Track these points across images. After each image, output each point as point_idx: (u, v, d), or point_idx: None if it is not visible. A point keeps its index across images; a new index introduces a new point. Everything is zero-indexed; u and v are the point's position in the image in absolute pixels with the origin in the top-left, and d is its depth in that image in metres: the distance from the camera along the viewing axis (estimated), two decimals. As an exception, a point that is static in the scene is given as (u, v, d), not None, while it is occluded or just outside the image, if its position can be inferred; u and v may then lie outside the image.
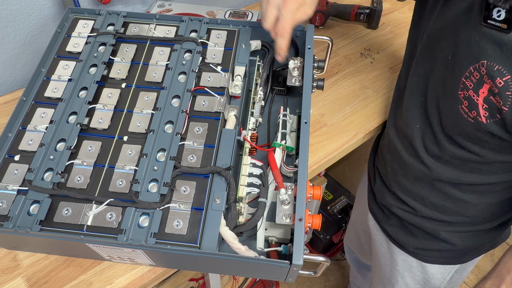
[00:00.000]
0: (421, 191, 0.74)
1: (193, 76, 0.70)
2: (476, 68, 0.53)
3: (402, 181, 0.77)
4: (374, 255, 0.98)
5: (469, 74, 0.55)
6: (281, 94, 0.81)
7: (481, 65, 0.53)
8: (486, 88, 0.53)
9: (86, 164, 0.62)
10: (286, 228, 0.63)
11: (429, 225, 0.77)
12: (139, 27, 0.78)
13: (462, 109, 0.58)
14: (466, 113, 0.57)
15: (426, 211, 0.76)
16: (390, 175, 0.80)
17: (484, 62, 0.52)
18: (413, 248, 0.82)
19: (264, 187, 0.61)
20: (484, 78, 0.53)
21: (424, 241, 0.80)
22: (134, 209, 0.58)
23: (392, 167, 0.79)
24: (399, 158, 0.75)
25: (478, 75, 0.53)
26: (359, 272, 1.31)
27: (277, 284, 1.53)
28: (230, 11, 1.06)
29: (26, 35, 0.94)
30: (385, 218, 0.85)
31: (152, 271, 0.65)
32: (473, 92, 0.55)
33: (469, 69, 0.54)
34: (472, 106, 0.56)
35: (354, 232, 1.17)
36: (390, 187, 0.81)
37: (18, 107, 0.67)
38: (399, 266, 0.87)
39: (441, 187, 0.71)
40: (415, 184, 0.75)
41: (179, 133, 0.64)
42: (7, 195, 0.59)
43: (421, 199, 0.75)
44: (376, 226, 0.90)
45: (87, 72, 0.71)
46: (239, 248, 0.56)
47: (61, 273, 0.65)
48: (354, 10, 1.09)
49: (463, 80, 0.56)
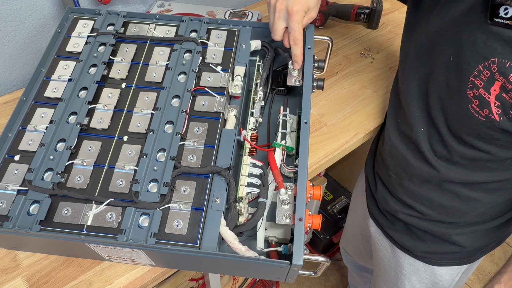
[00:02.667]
0: (428, 194, 0.74)
1: (193, 76, 0.70)
2: (485, 66, 0.53)
3: (408, 185, 0.76)
4: (376, 259, 0.97)
5: (478, 73, 0.54)
6: (281, 94, 0.81)
7: (492, 62, 0.52)
8: (497, 85, 0.53)
9: (86, 164, 0.62)
10: (286, 228, 0.63)
11: (437, 229, 0.76)
12: (139, 27, 0.78)
13: (472, 108, 0.57)
14: (477, 112, 0.57)
15: (434, 214, 0.75)
16: (394, 180, 0.79)
17: (495, 59, 0.52)
18: (421, 252, 0.81)
19: (264, 187, 0.61)
20: (496, 76, 0.53)
21: (432, 245, 0.79)
22: (134, 209, 0.58)
23: (396, 172, 0.78)
24: (405, 162, 0.75)
25: (489, 73, 0.53)
26: (357, 273, 1.31)
27: (277, 284, 1.53)
28: (230, 11, 1.06)
29: (26, 35, 0.94)
30: (389, 224, 0.84)
31: (152, 271, 0.65)
32: (483, 91, 0.55)
33: (478, 67, 0.54)
34: (484, 104, 0.56)
35: (350, 236, 1.16)
36: (394, 192, 0.80)
37: (18, 107, 0.67)
38: (406, 270, 0.86)
39: (450, 188, 0.71)
40: (422, 187, 0.74)
41: (179, 133, 0.64)
42: (7, 195, 0.59)
43: (429, 201, 0.74)
44: (378, 231, 0.89)
45: (87, 72, 0.71)
46: (239, 248, 0.56)
47: (61, 273, 0.65)
48: (354, 10, 1.09)
49: (471, 79, 0.56)
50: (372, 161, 0.91)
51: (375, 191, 0.87)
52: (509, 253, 1.73)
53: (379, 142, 0.89)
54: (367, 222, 0.93)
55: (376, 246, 0.93)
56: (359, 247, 1.13)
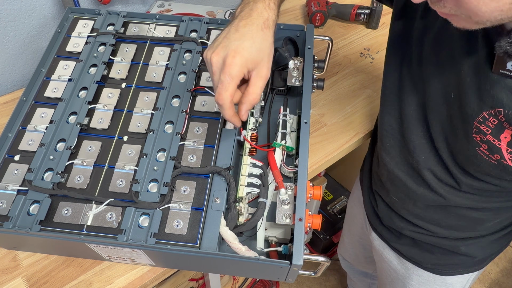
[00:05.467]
0: (434, 216, 0.71)
1: (193, 76, 0.70)
2: (491, 114, 0.49)
3: (413, 209, 0.73)
4: (381, 270, 0.95)
5: (483, 120, 0.51)
6: (281, 94, 0.81)
7: (498, 112, 0.49)
8: (508, 133, 0.49)
9: (86, 164, 0.62)
10: (286, 228, 0.63)
11: (447, 243, 0.74)
12: (139, 27, 0.78)
13: (481, 151, 0.54)
14: (487, 155, 0.53)
15: (442, 232, 0.73)
16: (397, 203, 0.76)
17: (501, 110, 0.48)
18: (431, 265, 0.79)
19: (264, 187, 0.61)
20: (504, 125, 0.49)
21: (442, 257, 0.77)
22: (134, 209, 0.58)
23: (398, 197, 0.74)
24: (405, 188, 0.71)
25: (496, 121, 0.50)
26: (356, 277, 1.30)
27: (277, 284, 1.53)
28: (230, 11, 1.06)
29: (26, 35, 0.94)
30: (395, 238, 0.82)
31: (152, 271, 0.65)
32: (492, 137, 0.51)
33: (482, 114, 0.50)
34: (494, 150, 0.52)
35: (348, 244, 1.14)
36: (399, 212, 0.77)
37: (18, 107, 0.67)
38: (414, 281, 0.84)
39: (456, 211, 0.68)
40: (427, 210, 0.71)
41: (179, 133, 0.64)
42: (7, 195, 0.59)
43: (436, 222, 0.72)
44: (383, 245, 0.86)
45: (87, 72, 0.71)
46: (239, 248, 0.56)
47: (61, 273, 0.65)
48: (354, 10, 1.09)
49: (476, 125, 0.52)
50: (368, 179, 0.86)
51: (376, 208, 0.84)
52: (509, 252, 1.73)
53: (373, 161, 0.84)
54: (369, 235, 0.91)
55: (381, 257, 0.91)
56: (357, 254, 1.11)
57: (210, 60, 0.54)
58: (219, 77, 0.54)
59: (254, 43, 0.54)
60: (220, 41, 0.55)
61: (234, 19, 0.58)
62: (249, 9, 0.57)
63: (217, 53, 0.54)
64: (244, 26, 0.55)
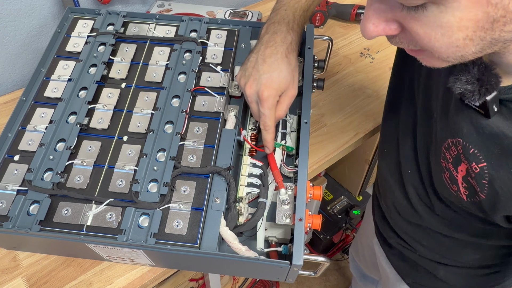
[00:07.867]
0: (415, 234, 0.71)
1: (193, 76, 0.70)
2: (453, 143, 0.48)
3: (398, 220, 0.73)
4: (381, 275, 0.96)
5: (447, 146, 0.50)
6: (281, 94, 0.81)
7: (457, 142, 0.47)
8: (464, 167, 0.48)
9: (86, 164, 0.62)
10: (286, 228, 0.63)
11: (428, 263, 0.74)
12: (139, 27, 0.78)
13: (444, 178, 0.53)
14: (449, 184, 0.52)
15: (424, 251, 0.72)
16: (386, 211, 0.76)
17: (460, 140, 0.47)
18: (412, 281, 0.79)
19: (264, 187, 0.61)
20: (461, 157, 0.48)
21: (425, 276, 0.76)
22: (134, 209, 0.58)
23: (387, 204, 0.75)
24: (394, 197, 0.71)
25: (456, 152, 0.48)
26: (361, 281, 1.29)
27: (277, 284, 1.53)
28: (230, 11, 1.06)
29: (26, 35, 0.94)
30: (387, 247, 0.83)
31: (152, 271, 0.65)
32: (452, 167, 0.50)
33: (447, 141, 0.50)
34: (453, 180, 0.51)
35: (360, 243, 1.15)
36: (390, 221, 0.77)
37: (17, 107, 0.67)
38: None
39: (434, 235, 0.68)
40: (410, 226, 0.71)
41: (179, 133, 0.64)
42: (7, 195, 0.59)
43: (418, 239, 0.72)
44: (381, 251, 0.87)
45: (87, 72, 0.71)
46: (239, 248, 0.56)
47: (61, 273, 0.65)
48: (354, 10, 1.09)
49: (443, 150, 0.51)
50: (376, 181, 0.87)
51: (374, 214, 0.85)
52: None
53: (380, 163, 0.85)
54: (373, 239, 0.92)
55: (380, 263, 0.91)
56: (365, 256, 1.11)
57: (245, 91, 0.61)
58: (259, 109, 0.61)
59: (281, 71, 0.59)
60: (250, 71, 0.61)
61: (260, 43, 0.62)
62: (273, 32, 0.62)
63: (249, 87, 0.60)
64: (270, 56, 0.60)
